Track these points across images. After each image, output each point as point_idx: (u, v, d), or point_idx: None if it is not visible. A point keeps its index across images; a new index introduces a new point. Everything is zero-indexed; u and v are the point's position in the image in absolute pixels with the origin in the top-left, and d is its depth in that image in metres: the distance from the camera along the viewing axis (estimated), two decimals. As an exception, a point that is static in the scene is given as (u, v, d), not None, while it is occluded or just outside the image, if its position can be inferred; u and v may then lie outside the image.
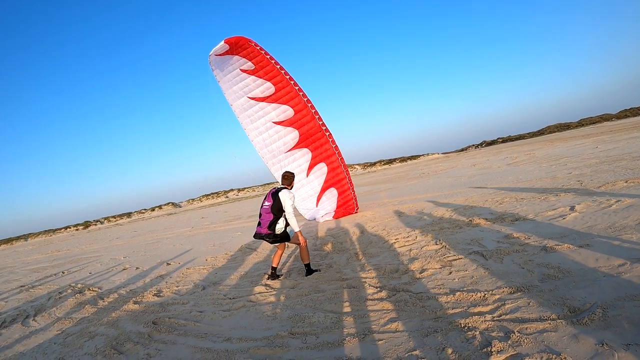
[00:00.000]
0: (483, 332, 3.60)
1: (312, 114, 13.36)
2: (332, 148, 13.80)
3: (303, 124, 13.56)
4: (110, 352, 4.86)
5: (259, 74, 12.89)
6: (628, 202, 7.32)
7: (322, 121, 13.55)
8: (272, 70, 12.80)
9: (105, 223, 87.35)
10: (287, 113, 13.48)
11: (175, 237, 19.66)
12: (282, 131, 13.76)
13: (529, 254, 5.52)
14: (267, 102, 13.39)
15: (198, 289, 7.36)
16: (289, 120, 13.57)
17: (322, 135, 13.67)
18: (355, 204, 14.56)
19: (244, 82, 13.17)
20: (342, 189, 14.31)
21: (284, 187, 6.87)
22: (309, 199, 14.68)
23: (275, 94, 13.21)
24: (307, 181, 14.38)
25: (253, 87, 13.22)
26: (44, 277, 13.17)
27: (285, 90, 13.13)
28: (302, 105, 13.30)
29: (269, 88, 13.12)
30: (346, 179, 14.20)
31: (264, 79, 12.96)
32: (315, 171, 14.23)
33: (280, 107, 13.42)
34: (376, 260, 7.04)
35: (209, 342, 4.66)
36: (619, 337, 3.11)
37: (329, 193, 14.45)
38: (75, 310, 7.37)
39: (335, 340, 4.07)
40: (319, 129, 13.56)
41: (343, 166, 14.08)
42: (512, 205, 9.35)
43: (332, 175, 14.15)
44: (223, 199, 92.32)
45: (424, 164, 58.91)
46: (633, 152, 14.96)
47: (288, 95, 13.20)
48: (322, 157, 13.98)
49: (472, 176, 19.65)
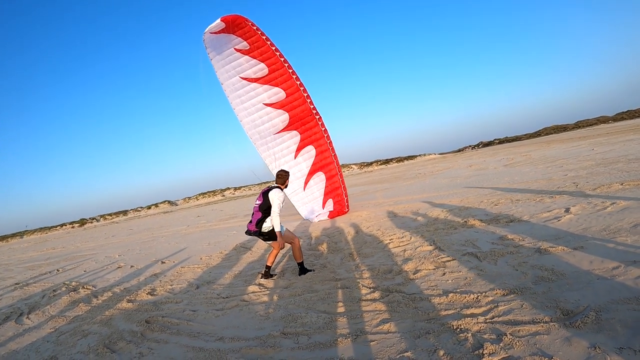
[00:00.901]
0: (475, 334, 3.59)
1: (303, 97, 13.29)
2: (321, 132, 13.77)
3: (294, 107, 13.48)
4: (103, 350, 4.84)
5: (253, 55, 12.73)
6: (623, 204, 7.32)
7: (313, 105, 13.49)
8: (267, 52, 12.67)
9: (101, 221, 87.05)
10: (278, 95, 13.37)
11: (170, 235, 19.62)
12: (273, 113, 13.63)
13: (523, 256, 5.52)
14: (259, 83, 13.24)
15: (192, 287, 7.34)
16: (280, 103, 13.46)
17: (312, 119, 13.63)
18: (345, 193, 14.49)
19: (237, 62, 12.97)
20: (330, 173, 14.24)
21: (276, 187, 6.87)
22: (296, 182, 14.45)
23: (268, 76, 13.08)
24: (295, 163, 14.24)
25: (246, 67, 13.04)
26: (38, 274, 13.12)
27: (278, 73, 13.01)
28: (294, 89, 13.22)
29: (262, 69, 12.98)
30: (334, 163, 14.14)
31: (257, 59, 12.79)
32: (303, 154, 14.14)
33: (272, 89, 13.29)
34: (370, 260, 7.03)
35: (202, 341, 4.65)
36: (611, 340, 3.10)
37: (316, 177, 14.35)
38: (69, 309, 7.34)
39: (327, 340, 4.05)
40: (309, 112, 13.50)
41: (331, 150, 14.02)
42: (508, 206, 9.35)
43: (320, 158, 14.07)
44: (219, 198, 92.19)
45: (421, 164, 58.91)
46: (629, 154, 15.00)
47: (281, 78, 13.09)
48: (311, 140, 13.92)
49: (468, 177, 19.66)
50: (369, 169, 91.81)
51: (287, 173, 7.16)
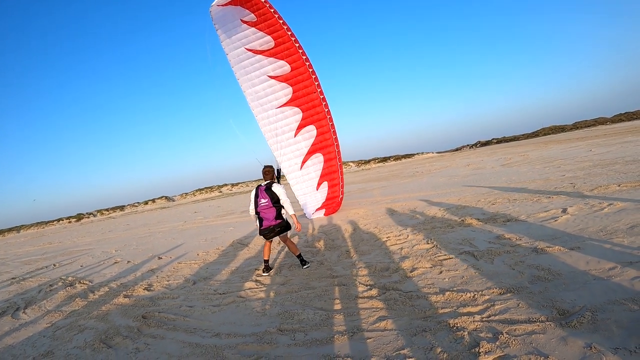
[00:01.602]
0: (472, 332, 3.60)
1: (308, 73, 13.17)
2: (324, 112, 13.61)
3: (298, 82, 13.37)
4: (99, 345, 4.84)
5: (260, 27, 12.67)
6: (620, 205, 7.34)
7: (317, 82, 13.35)
8: (274, 24, 12.58)
9: (98, 216, 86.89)
10: (283, 69, 13.29)
11: (167, 231, 19.60)
12: (276, 86, 13.55)
13: (519, 255, 5.53)
14: (265, 55, 13.18)
15: (188, 283, 7.34)
16: (285, 76, 13.38)
17: (315, 97, 13.47)
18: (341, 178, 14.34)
19: (243, 33, 12.94)
20: (328, 155, 14.10)
21: (272, 182, 7.09)
22: (294, 160, 14.38)
23: (274, 49, 13.01)
24: (295, 141, 14.15)
25: (252, 39, 12.99)
26: (35, 269, 13.10)
27: (284, 46, 12.93)
28: (299, 63, 13.10)
29: (269, 42, 12.93)
30: (333, 145, 13.97)
31: (264, 32, 12.74)
32: (303, 132, 14.01)
33: (277, 62, 13.21)
34: (367, 258, 7.04)
35: (198, 337, 4.65)
36: (607, 340, 3.11)
37: (314, 158, 14.23)
38: (65, 303, 7.33)
39: (323, 337, 4.06)
40: (313, 89, 13.36)
41: (332, 132, 13.87)
42: (505, 206, 9.37)
43: (320, 139, 13.95)
44: (217, 194, 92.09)
45: (418, 163, 58.95)
46: (626, 156, 15.02)
47: (287, 52, 12.99)
48: (313, 120, 13.79)
49: (466, 176, 19.68)
50: (366, 166, 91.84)
51: (272, 167, 7.43)
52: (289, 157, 14.34)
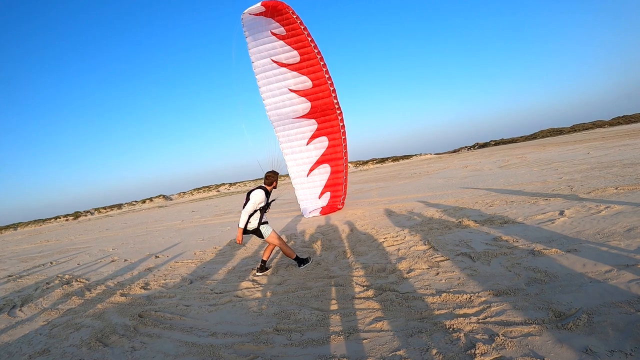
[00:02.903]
0: (468, 334, 3.60)
1: (329, 90, 13.47)
2: (338, 126, 13.97)
3: (317, 98, 13.68)
4: (95, 344, 4.84)
5: (289, 41, 12.99)
6: (617, 208, 7.35)
7: (337, 100, 13.67)
8: (302, 40, 12.91)
9: (96, 214, 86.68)
10: (305, 84, 13.59)
11: (164, 229, 19.57)
12: (296, 99, 13.88)
13: (516, 257, 5.53)
14: (289, 69, 13.49)
15: (185, 282, 7.33)
16: (305, 92, 13.68)
17: (332, 112, 13.83)
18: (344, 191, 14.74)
19: (271, 45, 13.22)
20: (336, 168, 14.47)
21: (260, 187, 6.98)
22: (302, 166, 14.76)
23: (298, 63, 13.32)
24: (306, 149, 14.52)
25: (279, 52, 13.30)
26: (32, 267, 13.08)
27: (309, 62, 13.22)
28: (322, 81, 13.41)
29: (295, 57, 13.24)
30: (342, 159, 14.34)
31: (292, 46, 13.07)
32: (315, 142, 14.38)
33: (300, 77, 13.53)
34: (364, 258, 7.04)
35: (194, 336, 4.65)
36: (603, 343, 3.12)
37: (322, 168, 14.58)
38: (62, 301, 7.33)
39: (320, 337, 4.06)
40: (332, 105, 13.69)
41: (344, 147, 14.20)
42: (502, 207, 9.38)
43: (331, 151, 14.31)
44: (214, 193, 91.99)
45: (416, 164, 58.94)
46: (624, 159, 15.05)
47: (311, 68, 13.29)
48: (327, 132, 14.16)
49: (464, 177, 19.69)
50: (364, 167, 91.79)
51: (275, 174, 7.28)
52: (298, 162, 14.76)
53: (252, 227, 6.83)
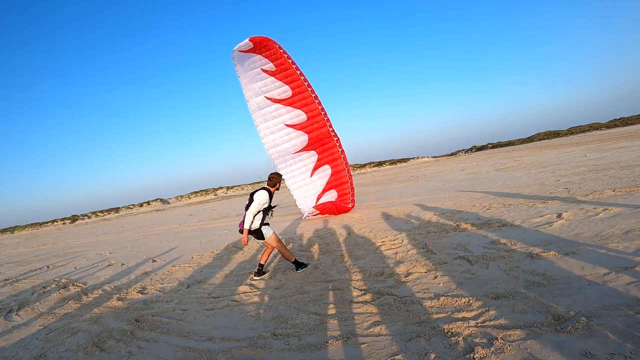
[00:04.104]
0: (466, 338, 3.59)
1: (324, 121, 13.79)
2: (338, 152, 14.28)
3: (314, 130, 13.95)
4: (92, 349, 4.81)
5: (279, 77, 13.21)
6: (615, 210, 7.36)
7: (332, 128, 13.95)
8: (292, 75, 13.14)
9: (93, 218, 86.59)
10: (300, 117, 13.84)
11: (162, 233, 19.54)
12: (293, 134, 14.10)
13: (514, 261, 5.52)
14: (283, 104, 13.72)
15: (182, 287, 7.30)
16: (301, 125, 13.93)
17: (330, 140, 14.14)
18: (352, 201, 14.85)
19: (263, 82, 13.41)
20: (343, 192, 14.75)
21: (263, 188, 7.00)
22: (309, 198, 14.98)
23: (291, 98, 13.55)
24: (311, 180, 14.76)
25: (271, 88, 13.49)
26: (28, 270, 13.04)
27: (301, 96, 13.48)
28: (315, 112, 13.70)
29: (287, 91, 13.46)
30: (348, 183, 14.64)
31: (283, 81, 13.29)
32: (319, 172, 14.67)
33: (294, 111, 13.77)
34: (362, 262, 7.02)
35: (192, 341, 4.62)
36: (602, 346, 3.10)
37: (328, 195, 14.83)
38: (58, 306, 7.30)
39: (318, 342, 4.04)
40: (328, 134, 13.99)
41: (347, 171, 14.53)
42: (500, 210, 9.37)
43: (335, 177, 14.62)
44: (212, 197, 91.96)
45: (414, 167, 59.03)
46: (621, 161, 15.08)
47: (304, 101, 13.56)
48: (328, 160, 14.46)
49: (461, 181, 19.71)
50: (362, 170, 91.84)
51: (279, 176, 7.34)
52: (305, 195, 15.08)
53: (254, 228, 6.83)
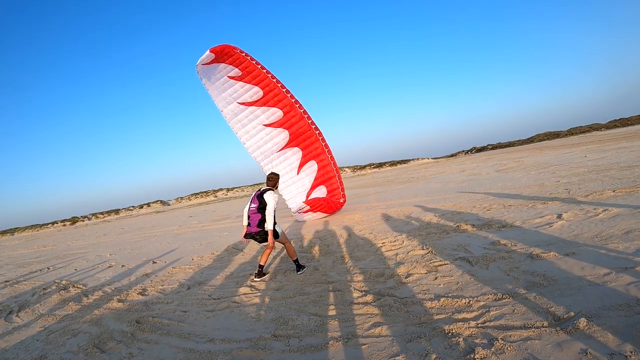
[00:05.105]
0: (467, 338, 3.59)
1: (300, 114, 13.64)
2: (321, 146, 14.10)
3: (293, 124, 13.81)
4: (92, 350, 4.80)
5: (247, 80, 13.13)
6: (615, 211, 7.36)
7: (311, 120, 13.82)
8: (258, 75, 13.04)
9: (93, 219, 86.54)
10: (276, 115, 13.74)
11: (162, 235, 19.53)
12: (273, 132, 14.00)
13: (515, 261, 5.52)
14: (257, 105, 13.65)
15: (183, 288, 7.30)
16: (279, 122, 13.82)
17: (312, 134, 13.95)
18: (343, 196, 14.83)
19: (232, 89, 13.39)
20: (332, 187, 14.66)
21: (268, 189, 7.04)
22: (298, 196, 14.89)
23: (263, 98, 13.45)
24: (298, 178, 14.66)
25: (242, 93, 13.45)
26: (29, 272, 13.02)
27: (273, 93, 13.37)
28: (290, 107, 13.56)
29: (257, 92, 13.37)
30: (336, 177, 14.56)
31: (251, 84, 13.21)
32: (305, 169, 14.54)
33: (269, 110, 13.67)
34: (362, 263, 7.02)
35: (192, 342, 4.62)
36: (602, 346, 3.11)
37: (318, 191, 14.73)
38: (59, 307, 7.29)
39: (318, 343, 4.04)
40: (308, 127, 13.83)
41: (333, 164, 14.37)
42: (500, 211, 9.38)
43: (322, 172, 14.48)
44: (212, 198, 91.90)
45: (414, 169, 59.03)
46: (621, 162, 15.09)
47: (276, 98, 13.45)
48: (312, 155, 14.28)
49: (461, 182, 19.71)
50: (362, 172, 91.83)
51: (277, 175, 7.41)
52: (294, 194, 15.05)
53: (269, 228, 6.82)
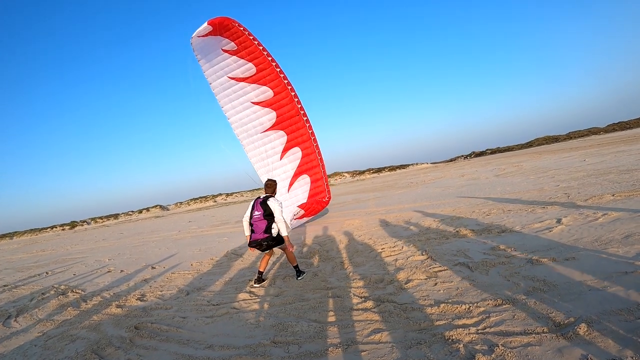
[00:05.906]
0: (467, 344, 3.58)
1: (291, 96, 13.45)
2: (308, 134, 13.87)
3: (281, 106, 13.63)
4: (90, 356, 4.79)
5: (241, 55, 12.95)
6: (614, 215, 7.36)
7: (300, 105, 13.62)
8: (254, 52, 12.85)
9: (92, 224, 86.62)
10: (266, 94, 13.56)
11: (161, 240, 19.50)
12: (260, 111, 13.82)
13: (514, 267, 5.51)
14: (247, 82, 13.45)
15: (182, 294, 7.28)
16: (268, 102, 13.63)
17: (299, 120, 13.75)
18: (328, 194, 14.54)
19: (225, 62, 13.20)
20: (315, 177, 14.38)
21: (269, 196, 7.06)
22: (280, 183, 14.55)
23: (255, 75, 13.28)
24: (281, 164, 14.41)
25: (234, 67, 13.27)
26: (27, 277, 13.00)
27: (266, 72, 13.19)
28: (281, 88, 13.37)
29: (250, 69, 13.20)
30: (319, 166, 14.24)
31: (245, 59, 13.02)
32: (289, 155, 14.30)
33: (260, 88, 13.49)
34: (362, 269, 7.00)
35: (191, 348, 4.60)
36: (603, 351, 3.10)
37: (301, 180, 14.49)
38: (57, 312, 7.28)
39: (318, 350, 4.02)
40: (297, 112, 13.63)
41: (317, 153, 14.12)
42: (499, 216, 9.37)
43: (306, 160, 14.21)
44: (211, 203, 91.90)
45: (413, 174, 59.03)
46: (620, 165, 15.10)
47: (269, 77, 13.26)
48: (297, 142, 14.06)
49: (460, 187, 19.72)
50: (361, 177, 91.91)
51: (275, 182, 7.45)
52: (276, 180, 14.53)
53: (276, 233, 6.87)
